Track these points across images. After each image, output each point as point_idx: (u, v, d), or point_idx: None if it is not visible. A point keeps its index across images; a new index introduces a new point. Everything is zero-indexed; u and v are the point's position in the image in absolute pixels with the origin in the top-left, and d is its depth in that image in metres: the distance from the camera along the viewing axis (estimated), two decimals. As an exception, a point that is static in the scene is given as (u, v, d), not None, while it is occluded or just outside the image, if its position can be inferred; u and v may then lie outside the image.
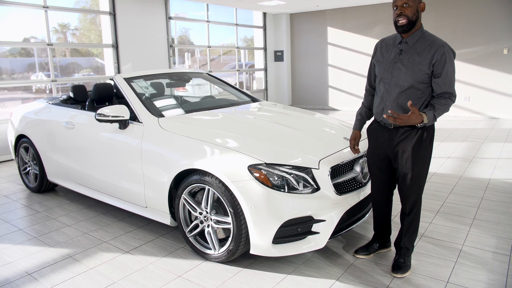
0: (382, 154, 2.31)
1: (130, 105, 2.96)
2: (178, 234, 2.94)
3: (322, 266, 2.43)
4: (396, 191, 2.41)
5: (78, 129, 3.33)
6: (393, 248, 2.59)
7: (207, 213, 2.46)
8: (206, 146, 2.46)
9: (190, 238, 2.59)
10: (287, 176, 2.27)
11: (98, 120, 2.83)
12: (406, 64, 2.12)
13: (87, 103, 3.47)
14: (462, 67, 8.19)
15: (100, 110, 2.83)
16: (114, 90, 3.64)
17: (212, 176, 2.36)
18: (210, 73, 4.18)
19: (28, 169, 4.08)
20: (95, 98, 3.49)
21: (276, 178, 2.26)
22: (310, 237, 2.32)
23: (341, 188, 2.43)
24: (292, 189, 2.26)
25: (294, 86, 10.83)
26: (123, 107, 2.86)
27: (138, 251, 2.70)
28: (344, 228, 2.50)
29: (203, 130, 2.67)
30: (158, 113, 2.94)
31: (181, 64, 9.74)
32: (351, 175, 2.53)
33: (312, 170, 2.33)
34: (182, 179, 2.56)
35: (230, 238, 2.37)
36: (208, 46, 8.86)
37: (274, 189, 2.23)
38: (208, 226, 2.49)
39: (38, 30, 6.25)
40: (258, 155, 2.32)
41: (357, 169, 2.57)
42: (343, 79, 9.90)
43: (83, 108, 3.48)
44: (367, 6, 9.20)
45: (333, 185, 2.36)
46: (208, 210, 2.46)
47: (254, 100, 3.80)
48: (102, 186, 3.20)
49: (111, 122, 2.83)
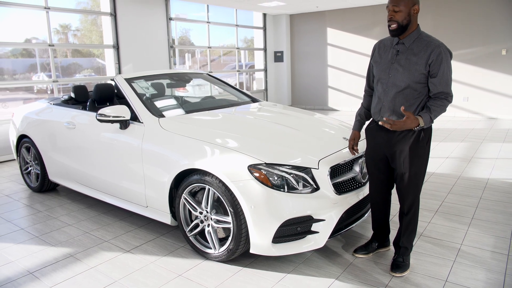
0: (380, 154, 2.32)
1: (131, 105, 2.97)
2: (178, 234, 2.95)
3: (321, 265, 2.44)
4: (394, 191, 2.42)
5: (79, 129, 3.34)
6: (392, 247, 2.60)
7: (207, 212, 2.48)
8: (206, 146, 2.48)
9: (190, 238, 2.60)
10: (287, 176, 2.28)
11: (99, 120, 2.84)
12: (403, 64, 2.13)
13: (88, 104, 3.48)
14: (460, 68, 8.21)
15: (101, 111, 2.84)
16: (115, 91, 3.65)
17: (212, 176, 2.37)
18: (210, 73, 4.19)
19: (29, 169, 4.09)
20: (96, 98, 3.50)
21: (276, 178, 2.27)
22: (309, 236, 2.33)
23: (340, 188, 2.44)
24: (291, 189, 2.28)
25: (294, 87, 10.85)
26: (124, 108, 2.87)
27: (138, 250, 2.72)
28: (343, 227, 2.51)
29: (204, 130, 2.68)
30: (158, 113, 2.95)
31: (181, 64, 9.76)
32: (351, 175, 2.55)
33: (311, 170, 2.34)
34: (182, 179, 2.57)
35: (230, 238, 2.38)
36: (208, 47, 8.88)
37: (274, 188, 2.24)
38: (208, 225, 2.50)
39: (40, 31, 6.26)
40: (258, 155, 2.33)
41: (356, 169, 2.58)
42: (343, 80, 9.91)
43: (84, 108, 3.49)
44: (366, 7, 9.23)
45: (332, 185, 2.37)
46: (208, 210, 2.47)
47: (254, 100, 3.82)
48: (103, 185, 3.21)
49: (112, 122, 2.85)
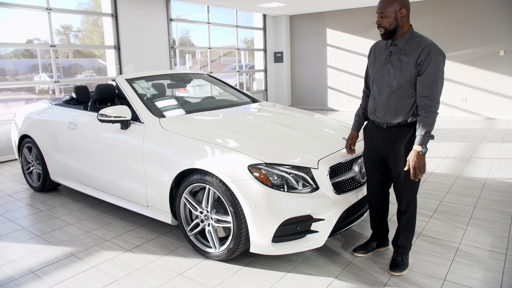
0: (377, 153, 2.35)
1: (132, 105, 2.98)
2: (179, 233, 2.96)
3: (321, 265, 2.46)
4: (392, 191, 2.44)
5: (81, 129, 3.35)
6: (391, 246, 2.61)
7: (208, 212, 2.49)
8: (207, 146, 2.49)
9: (191, 237, 2.61)
10: (287, 175, 2.29)
11: (100, 120, 2.85)
12: (395, 65, 2.16)
13: (90, 104, 3.49)
14: (459, 68, 8.25)
15: (102, 111, 2.85)
16: (116, 91, 3.67)
17: (212, 175, 2.38)
18: (210, 74, 4.20)
19: (31, 168, 4.11)
20: (97, 98, 3.52)
21: (275, 178, 2.28)
22: (309, 235, 2.34)
23: (340, 187, 2.45)
24: (291, 188, 2.29)
25: (294, 87, 10.87)
26: (125, 108, 2.88)
27: (139, 250, 2.73)
28: (342, 227, 2.52)
29: (204, 130, 2.70)
30: (159, 113, 2.96)
31: (182, 65, 9.78)
32: (350, 175, 2.56)
33: (311, 169, 2.35)
34: (183, 179, 2.58)
35: (230, 237, 2.39)
36: (208, 48, 8.91)
37: (273, 188, 2.25)
38: (208, 225, 2.51)
39: (41, 32, 6.29)
40: (258, 155, 2.34)
41: (355, 168, 2.59)
42: (342, 80, 9.93)
43: (86, 108, 3.50)
44: (366, 8, 9.25)
45: (332, 184, 2.38)
46: (208, 209, 2.48)
47: (254, 100, 3.83)
48: (104, 185, 3.22)
49: (113, 122, 2.85)
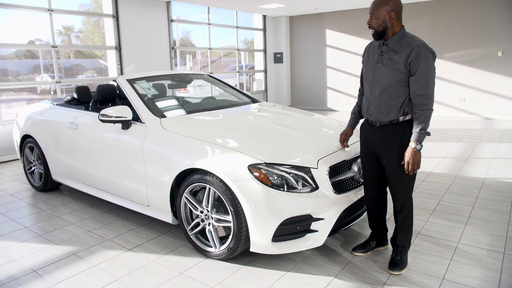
0: (371, 151, 2.38)
1: (133, 105, 2.99)
2: (179, 232, 2.98)
3: (320, 264, 2.47)
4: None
5: (82, 129, 3.37)
6: (390, 245, 2.63)
7: (208, 211, 2.50)
8: (207, 146, 2.50)
9: (191, 236, 2.63)
10: (287, 175, 2.30)
11: (101, 120, 2.86)
12: (386, 64, 2.20)
13: (91, 104, 3.50)
14: (457, 69, 8.29)
15: (103, 111, 2.86)
16: (117, 91, 3.68)
17: (213, 175, 2.39)
18: (211, 74, 4.21)
19: (33, 168, 4.12)
20: (99, 99, 3.53)
21: (275, 178, 2.29)
22: (309, 235, 2.35)
23: (339, 187, 2.46)
24: (291, 188, 2.30)
25: (293, 87, 10.89)
26: (126, 108, 2.89)
27: (140, 249, 2.74)
28: (342, 226, 2.53)
29: (204, 131, 2.70)
30: (160, 113, 2.97)
31: (182, 65, 9.80)
32: (349, 175, 2.57)
33: (311, 169, 2.36)
34: (183, 179, 2.59)
35: (230, 236, 2.40)
36: (209, 48, 8.93)
37: (273, 188, 2.26)
38: (209, 224, 2.52)
39: (43, 32, 6.31)
40: (258, 155, 2.35)
41: (354, 168, 2.61)
42: (341, 81, 9.96)
43: (87, 109, 3.51)
44: (365, 9, 9.27)
45: (331, 184, 2.39)
46: (209, 209, 2.49)
47: (254, 101, 3.83)
48: (105, 185, 3.24)
49: (114, 122, 2.86)
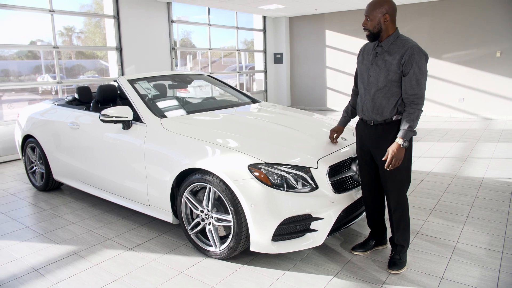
0: (366, 150, 2.41)
1: (134, 106, 3.00)
2: (180, 232, 2.99)
3: (320, 263, 2.48)
4: None
5: (83, 129, 3.38)
6: (389, 245, 2.64)
7: (208, 211, 2.51)
8: (207, 146, 2.51)
9: (191, 236, 2.64)
10: (286, 175, 2.31)
11: (102, 120, 2.88)
12: (380, 65, 2.24)
13: (92, 104, 3.51)
14: (456, 69, 8.33)
15: (104, 111, 2.87)
16: (118, 92, 3.69)
17: (213, 175, 2.40)
18: (211, 75, 4.22)
19: (34, 168, 4.14)
20: (100, 99, 3.54)
21: (275, 177, 2.30)
22: (308, 234, 2.36)
23: (339, 187, 2.47)
24: (291, 188, 2.31)
25: (293, 88, 10.91)
26: (127, 108, 2.90)
27: (141, 248, 2.76)
28: (341, 226, 2.54)
29: (205, 131, 2.72)
30: (160, 113, 2.99)
31: (183, 66, 9.82)
32: (349, 174, 2.58)
33: (310, 169, 2.37)
34: (184, 178, 2.60)
35: (230, 236, 2.41)
36: (209, 49, 8.95)
37: (273, 187, 2.27)
38: (209, 224, 2.53)
39: (45, 33, 6.34)
40: (258, 155, 2.36)
41: (354, 168, 2.61)
42: (341, 81, 9.98)
43: (88, 109, 3.52)
44: (364, 10, 9.29)
45: (331, 184, 2.40)
46: (209, 208, 2.50)
47: (254, 101, 3.84)
48: (106, 185, 3.25)
49: (115, 122, 2.88)
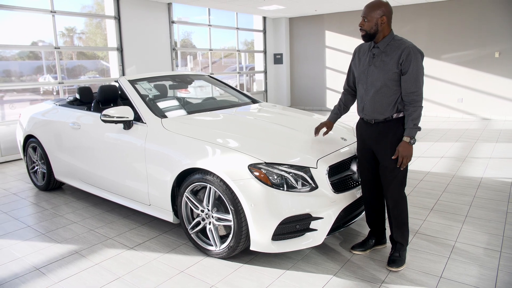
0: (368, 148, 2.44)
1: (134, 106, 3.01)
2: (180, 231, 3.00)
3: (319, 262, 2.49)
4: None
5: (84, 129, 3.39)
6: (388, 244, 2.66)
7: (209, 210, 2.52)
8: (208, 146, 2.52)
9: (192, 235, 2.65)
10: (286, 175, 2.32)
11: (103, 120, 2.89)
12: (378, 65, 2.29)
13: (93, 105, 3.53)
14: (455, 70, 8.36)
15: (105, 111, 2.88)
16: (119, 92, 3.69)
17: (213, 175, 2.42)
18: (211, 75, 4.23)
19: (36, 168, 4.15)
20: (101, 99, 3.55)
21: (275, 177, 2.31)
22: (308, 234, 2.37)
23: (338, 186, 2.48)
24: (291, 187, 2.32)
25: (293, 88, 10.93)
26: (128, 108, 2.91)
27: (142, 247, 2.77)
28: (341, 225, 2.55)
29: (205, 131, 2.73)
30: (161, 114, 3.00)
31: (183, 66, 9.84)
32: (348, 174, 2.60)
33: (310, 169, 2.38)
34: (184, 178, 2.62)
35: (230, 235, 2.43)
36: (209, 49, 8.97)
37: (273, 187, 2.28)
38: (209, 223, 2.54)
39: (46, 34, 6.35)
40: (258, 155, 2.37)
41: (353, 168, 2.63)
42: (340, 81, 9.98)
43: (89, 109, 3.54)
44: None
45: (330, 183, 2.41)
46: (209, 208, 2.51)
47: (254, 101, 3.86)
48: (107, 184, 3.26)
49: (116, 122, 2.89)
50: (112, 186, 3.22)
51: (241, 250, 2.48)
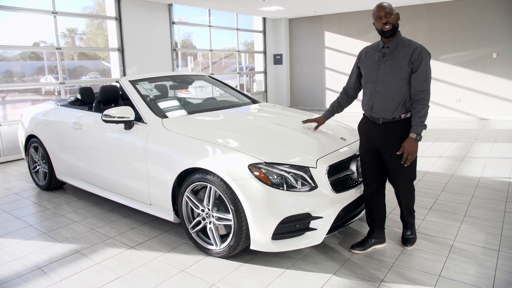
0: (373, 147, 2.49)
1: (135, 106, 3.03)
2: (181, 230, 3.01)
3: (319, 261, 2.50)
4: (388, 186, 2.53)
5: (85, 129, 3.41)
6: (388, 243, 2.69)
7: (209, 210, 2.53)
8: (208, 146, 2.53)
9: (192, 234, 2.66)
10: (286, 174, 2.33)
11: (105, 121, 2.90)
12: (390, 64, 2.37)
13: (94, 105, 3.54)
14: (453, 70, 8.39)
15: (106, 111, 2.90)
16: (120, 92, 3.70)
17: (213, 174, 2.43)
18: (212, 75, 4.24)
19: (37, 167, 4.17)
20: (102, 99, 3.56)
21: (275, 177, 2.32)
22: (308, 233, 2.38)
23: (337, 186, 2.49)
24: (290, 187, 2.33)
25: (293, 88, 10.96)
26: (129, 108, 2.92)
27: (142, 247, 2.78)
28: (340, 224, 2.57)
29: (205, 131, 2.74)
30: (162, 114, 3.01)
31: (184, 67, 9.85)
32: (347, 174, 2.61)
33: (310, 169, 2.39)
34: (185, 178, 2.63)
35: (231, 234, 2.44)
36: (210, 50, 8.99)
37: (273, 187, 2.30)
38: (210, 222, 2.56)
39: (48, 34, 6.37)
40: (258, 155, 2.38)
41: (353, 168, 2.64)
42: (340, 82, 10.02)
43: (90, 109, 3.55)
44: (362, 11, 9.38)
45: (330, 183, 2.42)
46: (210, 207, 2.52)
47: (254, 101, 3.86)
48: (108, 184, 3.28)
49: (117, 122, 2.90)
50: (113, 186, 3.23)
51: (241, 249, 2.49)
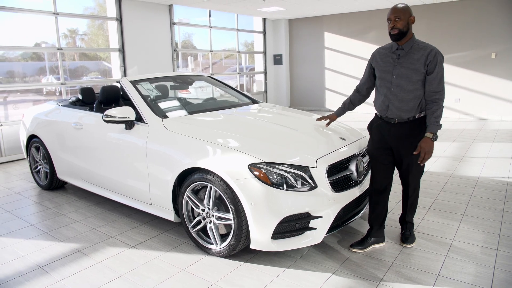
0: (385, 146, 2.56)
1: (136, 106, 3.04)
2: (181, 230, 3.02)
3: (319, 260, 2.51)
4: (393, 184, 2.59)
5: (86, 129, 3.42)
6: (387, 243, 2.71)
7: (209, 209, 2.54)
8: (208, 145, 2.54)
9: (193, 234, 2.67)
10: (286, 174, 2.34)
11: (105, 121, 2.92)
12: (405, 65, 2.41)
13: (95, 105, 3.55)
14: (453, 71, 8.41)
15: (107, 112, 2.91)
16: (121, 92, 3.71)
17: (214, 174, 2.44)
18: (212, 76, 4.25)
19: (39, 167, 4.18)
20: (103, 100, 3.57)
21: (275, 176, 2.33)
22: (307, 232, 2.39)
23: (337, 186, 2.50)
24: (290, 187, 2.34)
25: (293, 89, 10.97)
26: (129, 109, 2.94)
27: (143, 246, 2.79)
28: (340, 224, 2.57)
29: (205, 131, 2.75)
30: (162, 114, 3.02)
31: (184, 67, 9.87)
32: (347, 173, 2.62)
33: (309, 168, 2.40)
34: (185, 177, 2.64)
35: (231, 234, 2.45)
36: (210, 50, 9.01)
37: (273, 187, 2.30)
38: (210, 222, 2.57)
39: (49, 35, 6.38)
40: (258, 155, 2.39)
41: (352, 168, 2.65)
42: (339, 82, 10.05)
43: (91, 109, 3.56)
44: (362, 12, 9.39)
45: (329, 183, 2.43)
46: (210, 207, 2.53)
47: (254, 101, 3.87)
48: (109, 184, 3.29)
49: (118, 123, 2.91)
50: (114, 186, 3.24)
51: (241, 249, 2.50)
